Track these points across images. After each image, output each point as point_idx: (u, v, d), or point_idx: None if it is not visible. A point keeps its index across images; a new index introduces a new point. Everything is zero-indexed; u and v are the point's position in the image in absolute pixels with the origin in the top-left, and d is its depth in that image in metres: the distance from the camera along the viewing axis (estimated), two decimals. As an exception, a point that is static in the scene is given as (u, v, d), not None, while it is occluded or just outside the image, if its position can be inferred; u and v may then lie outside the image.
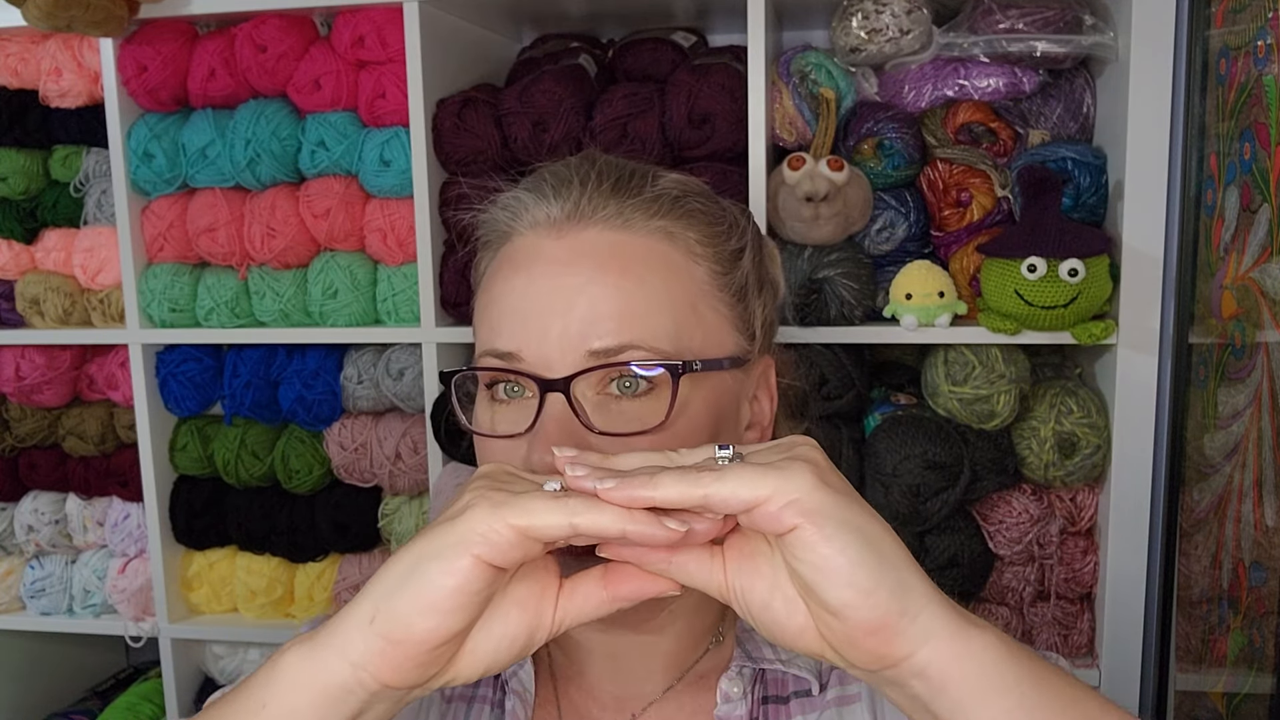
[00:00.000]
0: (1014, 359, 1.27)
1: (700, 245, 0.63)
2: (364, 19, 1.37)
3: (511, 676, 0.68)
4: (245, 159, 1.41)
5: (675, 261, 0.61)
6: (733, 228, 0.66)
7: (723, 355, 0.62)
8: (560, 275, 0.59)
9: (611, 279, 0.58)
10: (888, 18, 1.29)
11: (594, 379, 0.58)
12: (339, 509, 1.50)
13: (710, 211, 0.65)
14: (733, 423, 0.64)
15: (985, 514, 1.32)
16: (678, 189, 0.64)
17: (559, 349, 0.57)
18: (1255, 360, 1.04)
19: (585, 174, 0.63)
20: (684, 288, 0.61)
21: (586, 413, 0.58)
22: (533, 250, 0.61)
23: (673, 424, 0.58)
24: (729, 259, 0.64)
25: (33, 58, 1.50)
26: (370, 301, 1.45)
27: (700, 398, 0.60)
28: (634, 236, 0.61)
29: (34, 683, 1.79)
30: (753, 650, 0.66)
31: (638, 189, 0.62)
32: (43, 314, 1.55)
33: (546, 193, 0.62)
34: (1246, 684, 1.05)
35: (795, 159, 1.26)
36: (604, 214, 0.61)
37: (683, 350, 0.59)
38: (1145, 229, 1.21)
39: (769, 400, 0.68)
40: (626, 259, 0.59)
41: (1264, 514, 1.02)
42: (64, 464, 1.61)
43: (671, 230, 0.62)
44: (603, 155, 0.66)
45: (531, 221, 0.62)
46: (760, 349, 0.67)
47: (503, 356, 0.59)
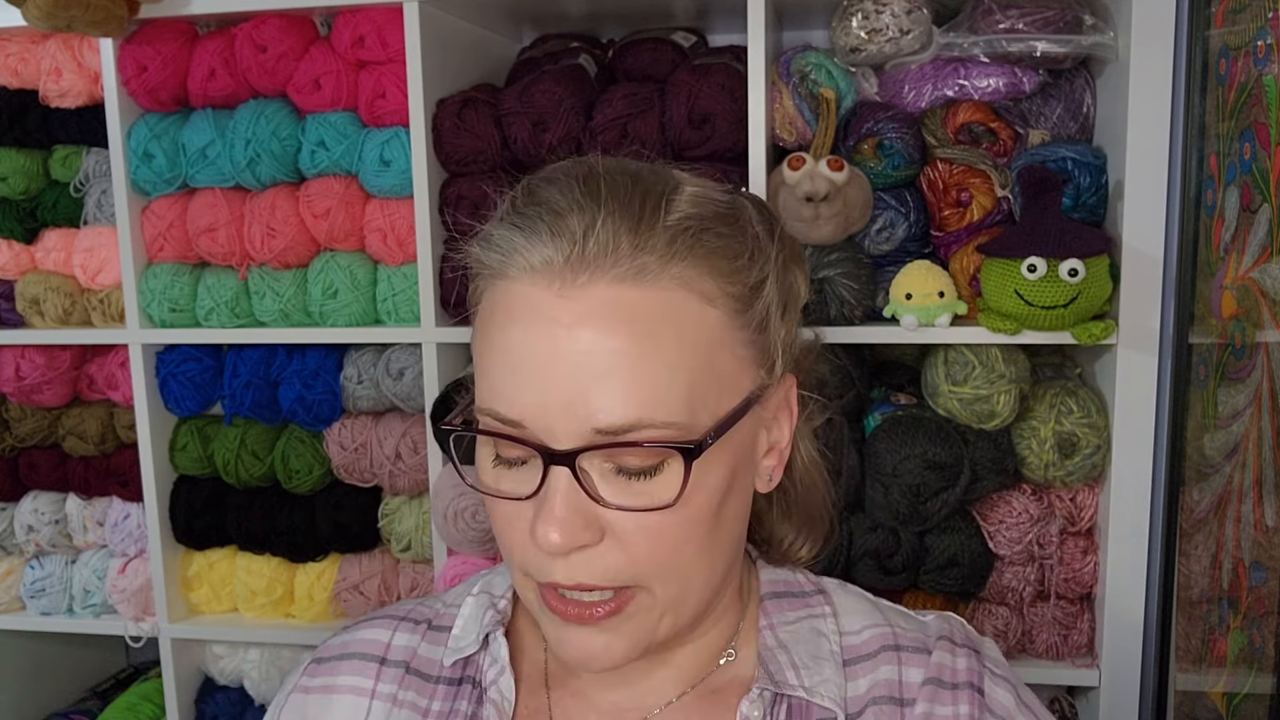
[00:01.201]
0: (1014, 359, 1.27)
1: (716, 286, 0.56)
2: (364, 19, 1.37)
3: (490, 685, 0.66)
4: (245, 159, 1.41)
5: (691, 313, 0.55)
6: (754, 256, 0.59)
7: (739, 400, 0.57)
8: (563, 340, 0.53)
9: (621, 345, 0.53)
10: (888, 18, 1.29)
11: (602, 451, 0.54)
12: (339, 509, 1.50)
13: (730, 243, 0.57)
14: (749, 461, 0.61)
15: (985, 514, 1.32)
16: (696, 218, 0.56)
17: (563, 420, 0.53)
18: (1255, 360, 1.04)
19: (587, 207, 0.55)
20: (700, 341, 0.55)
21: (594, 484, 0.55)
22: (531, 304, 0.54)
23: (686, 502, 0.55)
24: (748, 295, 0.58)
25: (33, 58, 1.50)
26: (370, 301, 1.45)
27: (716, 464, 0.56)
28: (648, 291, 0.54)
29: (34, 683, 1.79)
30: (776, 673, 0.63)
31: (650, 224, 0.55)
32: (43, 314, 1.55)
33: (542, 234, 0.55)
34: (1246, 684, 1.05)
35: (795, 159, 1.26)
36: (613, 259, 0.53)
37: (697, 415, 0.54)
38: (1145, 229, 1.21)
39: (788, 418, 0.64)
40: (637, 320, 0.53)
41: (1264, 514, 1.02)
42: (64, 464, 1.61)
43: (688, 277, 0.55)
44: (605, 170, 0.58)
45: (526, 265, 0.55)
46: (781, 373, 0.62)
47: (506, 423, 0.55)
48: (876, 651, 0.65)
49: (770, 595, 0.68)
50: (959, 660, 0.64)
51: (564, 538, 0.53)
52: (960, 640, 0.66)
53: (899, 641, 0.65)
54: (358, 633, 0.72)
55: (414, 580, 1.50)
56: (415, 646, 0.70)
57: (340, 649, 0.71)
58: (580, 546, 0.55)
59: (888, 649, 0.65)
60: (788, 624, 0.66)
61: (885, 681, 0.63)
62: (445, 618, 0.71)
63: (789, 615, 0.66)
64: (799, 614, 0.67)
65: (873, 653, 0.65)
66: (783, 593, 0.68)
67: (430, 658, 0.69)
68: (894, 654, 0.64)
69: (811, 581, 0.70)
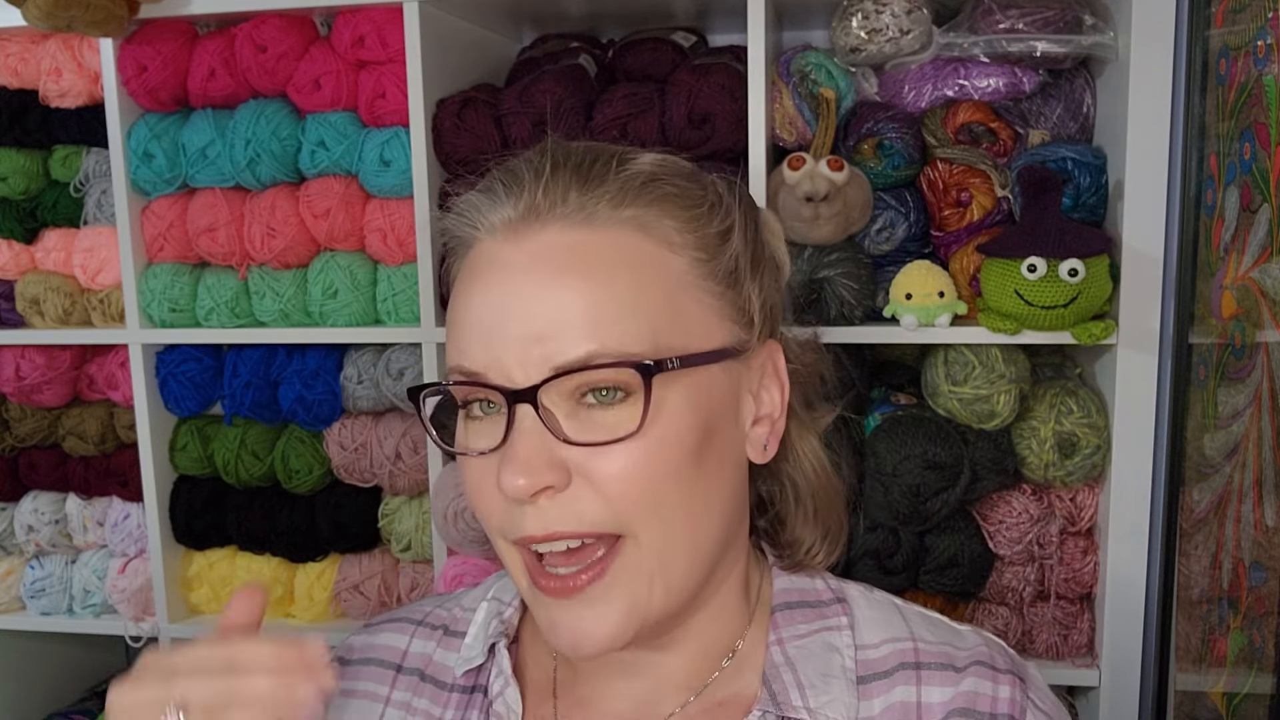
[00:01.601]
0: (1014, 359, 1.27)
1: (678, 232, 0.57)
2: (364, 19, 1.37)
3: (496, 697, 0.65)
4: (245, 159, 1.41)
5: (647, 254, 0.56)
6: (714, 207, 0.60)
7: (711, 348, 0.57)
8: (518, 283, 0.54)
9: (573, 282, 0.54)
10: (888, 18, 1.29)
11: (566, 388, 0.54)
12: (339, 509, 1.50)
13: (688, 193, 0.59)
14: (731, 421, 0.60)
15: (985, 514, 1.32)
16: (648, 171, 0.58)
17: (521, 362, 0.54)
18: (1255, 360, 1.04)
19: (539, 167, 0.57)
20: (658, 282, 0.56)
21: (559, 422, 0.55)
22: (490, 257, 0.56)
23: (650, 429, 0.54)
24: (714, 242, 0.59)
25: (33, 58, 1.50)
26: (370, 301, 1.45)
27: (683, 398, 0.55)
28: (597, 233, 0.55)
29: (34, 683, 1.79)
30: (780, 693, 0.60)
31: (600, 177, 0.57)
32: (43, 314, 1.55)
33: (499, 193, 0.58)
34: (1246, 684, 1.05)
35: (795, 159, 1.26)
36: (563, 210, 0.56)
37: (660, 350, 0.54)
38: (1145, 229, 1.21)
39: (779, 389, 0.63)
40: (589, 259, 0.55)
41: (1264, 514, 1.02)
42: (64, 464, 1.61)
43: (643, 219, 0.56)
44: (563, 143, 0.60)
45: (489, 226, 0.57)
46: (761, 334, 0.61)
47: (469, 375, 0.56)
48: (893, 670, 0.61)
49: (782, 606, 0.65)
50: (1000, 689, 0.59)
51: (527, 478, 0.53)
52: (1003, 665, 0.61)
53: (919, 658, 0.61)
54: (378, 636, 0.72)
55: (414, 580, 1.50)
56: (431, 653, 0.70)
57: (362, 652, 0.72)
58: (547, 489, 0.54)
59: (905, 667, 0.61)
60: (798, 638, 0.63)
61: (900, 705, 0.60)
62: (461, 622, 0.71)
63: (800, 628, 0.63)
64: (811, 626, 0.64)
65: (889, 671, 0.61)
66: (796, 603, 0.65)
67: (445, 664, 0.69)
68: (912, 673, 0.61)
69: (832, 589, 0.66)
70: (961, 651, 0.61)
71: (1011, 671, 0.61)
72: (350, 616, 1.53)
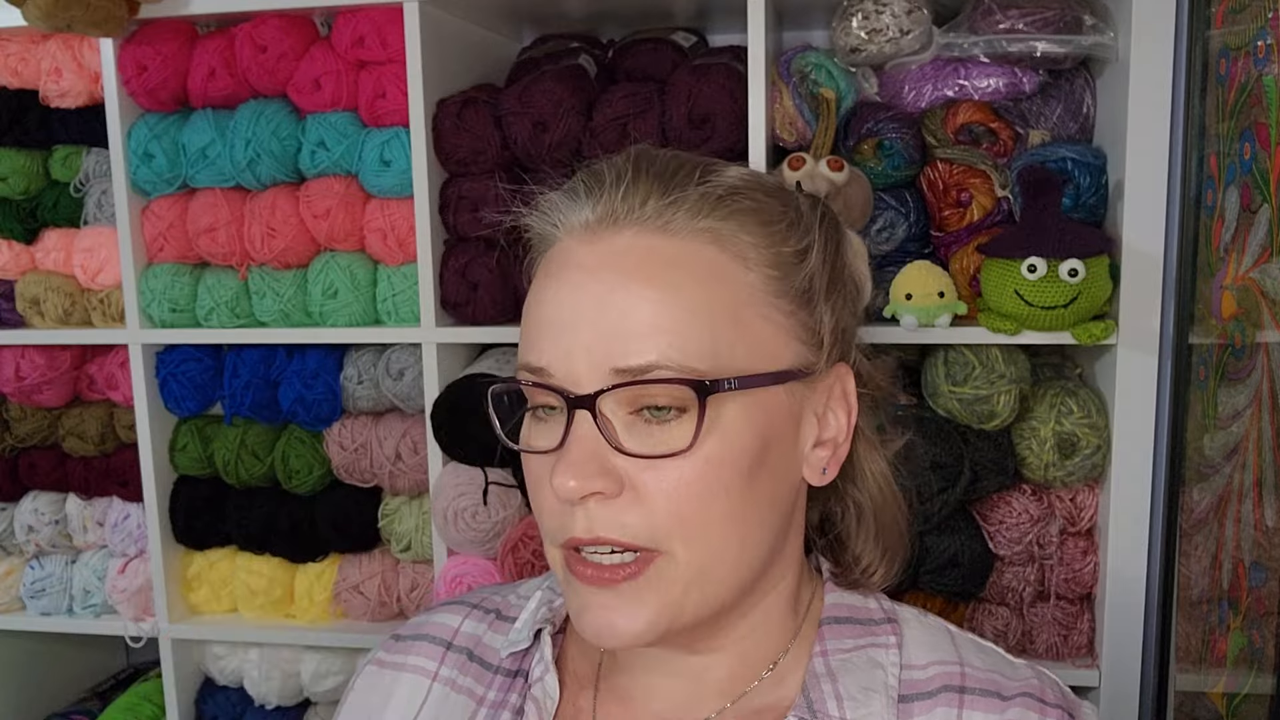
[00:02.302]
0: (1014, 359, 1.27)
1: (754, 248, 0.57)
2: (364, 19, 1.37)
3: (536, 682, 0.66)
4: (245, 159, 1.41)
5: (720, 267, 0.56)
6: (794, 225, 0.60)
7: (776, 369, 0.57)
8: (587, 284, 0.55)
9: (642, 289, 0.54)
10: (888, 18, 1.29)
11: (625, 398, 0.55)
12: (339, 509, 1.50)
13: (767, 209, 0.59)
14: (790, 443, 0.59)
15: (985, 514, 1.32)
16: (730, 184, 0.58)
17: (585, 364, 0.54)
18: (1255, 360, 1.04)
19: (621, 171, 0.58)
20: (728, 296, 0.56)
21: (615, 431, 0.55)
22: (565, 257, 0.57)
23: (702, 447, 0.54)
24: (789, 260, 0.58)
25: (33, 58, 1.50)
26: (370, 301, 1.45)
27: (740, 417, 0.55)
28: (673, 240, 0.55)
29: (34, 683, 1.79)
30: (817, 702, 0.60)
31: (682, 185, 0.57)
32: (43, 314, 1.55)
33: (580, 194, 0.58)
34: (1246, 684, 1.05)
35: (795, 159, 1.26)
36: (640, 215, 0.56)
37: (721, 367, 0.54)
38: (1145, 229, 1.21)
39: (845, 413, 0.62)
40: (660, 265, 0.55)
41: (1264, 514, 1.02)
42: (64, 464, 1.61)
43: (719, 232, 0.56)
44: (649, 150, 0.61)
45: (568, 227, 0.58)
46: (831, 357, 0.61)
47: (534, 371, 0.56)
48: (936, 691, 0.60)
49: (831, 620, 0.65)
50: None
51: (579, 481, 0.54)
52: (1052, 700, 0.60)
53: (965, 683, 0.61)
54: (434, 616, 0.75)
55: (414, 580, 1.50)
56: (480, 635, 0.72)
57: (416, 629, 0.74)
58: (597, 494, 0.54)
59: (950, 690, 0.60)
60: (843, 651, 0.62)
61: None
62: (514, 608, 0.73)
63: (846, 642, 0.63)
64: (858, 641, 0.63)
65: (932, 692, 0.60)
66: (846, 618, 0.65)
67: (492, 646, 0.71)
68: (955, 695, 0.60)
69: (884, 610, 0.66)
70: (1011, 682, 0.61)
71: (1061, 707, 0.60)
72: (350, 617, 1.53)
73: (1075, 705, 0.61)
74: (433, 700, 0.70)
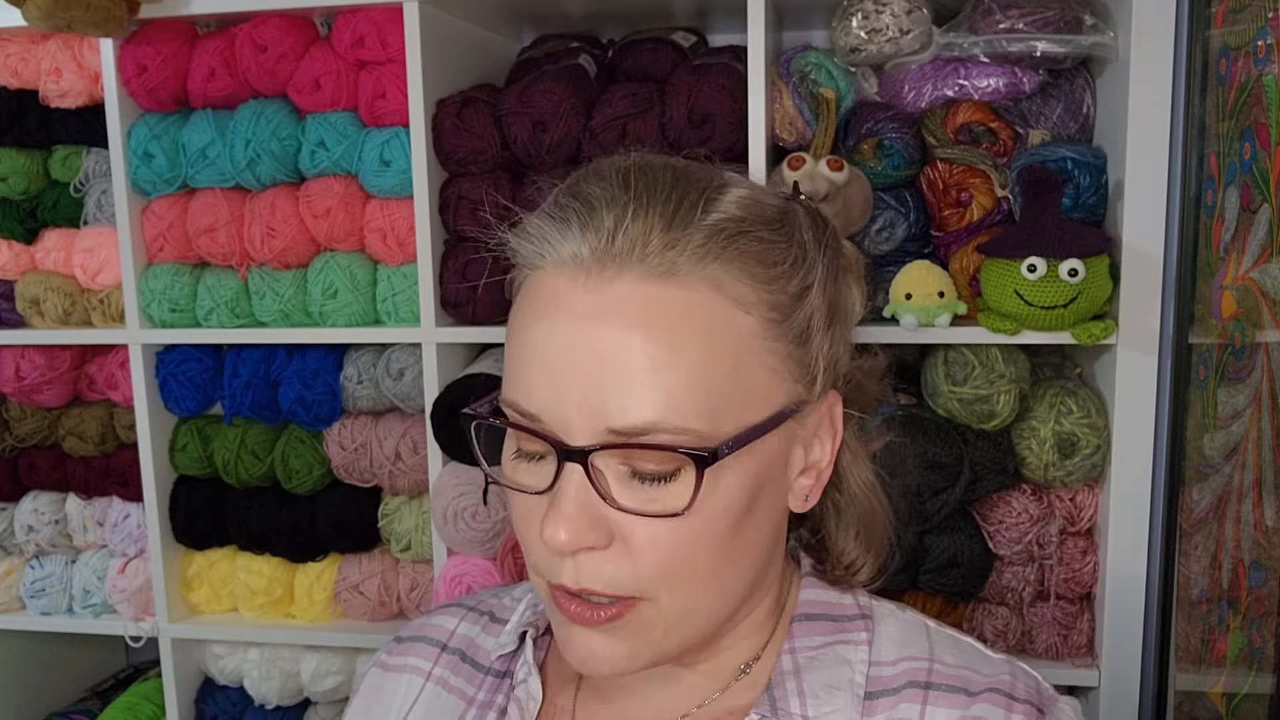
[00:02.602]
0: (1014, 359, 1.27)
1: (753, 291, 0.54)
2: (364, 19, 1.37)
3: (520, 684, 0.67)
4: (245, 159, 1.41)
5: (721, 316, 0.53)
6: (797, 264, 0.57)
7: (770, 414, 0.55)
8: (584, 334, 0.52)
9: (641, 345, 0.51)
10: (888, 18, 1.29)
11: (620, 452, 0.53)
12: (339, 509, 1.50)
13: (772, 248, 0.55)
14: (779, 479, 0.58)
15: (985, 514, 1.32)
16: (736, 220, 0.54)
17: (579, 414, 0.52)
18: (1255, 360, 1.04)
19: (618, 200, 0.54)
20: (727, 349, 0.53)
21: (608, 484, 0.54)
22: (557, 297, 0.53)
23: (698, 511, 0.53)
24: (789, 303, 0.56)
25: (33, 58, 1.50)
26: (370, 301, 1.45)
27: (735, 475, 0.54)
28: (674, 289, 0.52)
29: (34, 683, 1.79)
30: (780, 699, 0.59)
31: (685, 222, 0.53)
32: (43, 314, 1.55)
33: (572, 225, 0.54)
34: (1246, 684, 1.05)
35: (795, 159, 1.26)
36: (642, 254, 0.52)
37: (718, 424, 0.52)
38: (1145, 229, 1.21)
39: (831, 439, 0.61)
40: (661, 320, 0.52)
41: (1264, 514, 1.02)
42: (64, 464, 1.61)
43: (721, 279, 0.53)
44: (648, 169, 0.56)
45: (555, 259, 0.54)
46: (822, 388, 0.59)
47: (525, 415, 0.54)
48: (901, 687, 0.60)
49: (802, 617, 0.64)
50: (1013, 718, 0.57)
51: (570, 536, 0.52)
52: (1022, 695, 0.58)
53: (931, 679, 0.60)
54: (433, 618, 0.76)
55: (414, 580, 1.50)
56: (474, 636, 0.73)
57: (415, 631, 0.76)
58: (587, 548, 0.54)
59: (915, 685, 0.59)
60: (811, 649, 0.62)
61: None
62: (507, 610, 0.73)
63: (815, 639, 0.62)
64: (826, 639, 0.62)
65: (897, 688, 0.60)
66: (818, 615, 0.64)
67: (484, 648, 0.72)
68: (920, 691, 0.59)
69: (860, 606, 0.65)
70: (981, 677, 0.60)
71: (1030, 702, 0.58)
72: (350, 617, 1.53)
73: (1049, 701, 0.59)
74: (424, 699, 0.71)
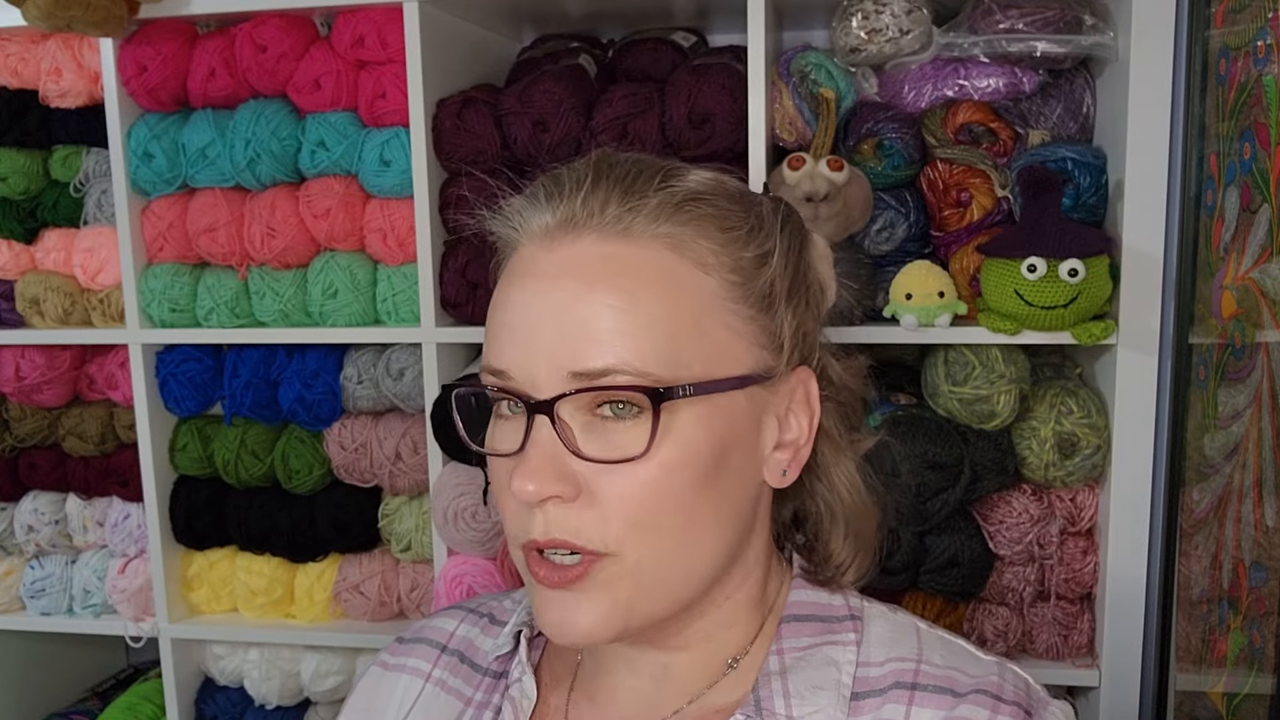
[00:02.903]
0: (1014, 359, 1.27)
1: (713, 254, 0.57)
2: (364, 19, 1.37)
3: (514, 684, 0.68)
4: (245, 159, 1.41)
5: (679, 274, 0.56)
6: (755, 231, 0.60)
7: (734, 374, 0.57)
8: (549, 290, 0.56)
9: (600, 296, 0.55)
10: (888, 18, 1.29)
11: (584, 400, 0.55)
12: (339, 509, 1.50)
13: (729, 214, 0.59)
14: (750, 446, 0.60)
15: (985, 514, 1.32)
16: (693, 190, 0.59)
17: (546, 369, 0.55)
18: (1255, 360, 1.04)
19: (581, 177, 0.59)
20: (686, 303, 0.56)
21: (574, 434, 0.56)
22: (528, 262, 0.58)
23: (657, 453, 0.55)
24: (749, 266, 0.59)
25: (33, 58, 1.50)
26: (370, 301, 1.45)
27: (697, 423, 0.56)
28: (632, 247, 0.56)
29: (34, 683, 1.79)
30: (765, 699, 0.60)
31: (642, 191, 0.57)
32: (43, 314, 1.55)
33: (541, 199, 0.59)
34: (1246, 684, 1.05)
35: (795, 159, 1.26)
36: (599, 221, 0.57)
37: (679, 373, 0.55)
38: (1145, 229, 1.21)
39: (808, 416, 0.62)
40: (619, 272, 0.55)
41: (1264, 514, 1.02)
42: (64, 464, 1.61)
43: (678, 238, 0.57)
44: (611, 155, 0.61)
45: (529, 232, 0.59)
46: (791, 361, 0.61)
47: (496, 374, 0.57)
48: (888, 688, 0.60)
49: (791, 617, 0.64)
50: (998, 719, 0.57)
51: (537, 485, 0.54)
52: (1009, 697, 0.58)
53: (917, 679, 0.60)
54: (434, 620, 0.77)
55: (414, 580, 1.50)
56: (473, 638, 0.74)
57: (416, 632, 0.77)
58: (555, 498, 0.55)
59: (901, 686, 0.60)
60: (798, 649, 0.62)
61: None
62: (507, 613, 0.74)
63: (803, 640, 0.63)
64: (814, 639, 0.63)
65: (883, 689, 0.60)
66: (807, 615, 0.64)
67: (483, 649, 0.73)
68: (906, 692, 0.59)
69: (850, 607, 0.66)
70: (968, 678, 0.60)
71: (1017, 704, 0.58)
72: (350, 617, 1.53)
73: (1039, 704, 0.59)
74: (424, 700, 0.72)
